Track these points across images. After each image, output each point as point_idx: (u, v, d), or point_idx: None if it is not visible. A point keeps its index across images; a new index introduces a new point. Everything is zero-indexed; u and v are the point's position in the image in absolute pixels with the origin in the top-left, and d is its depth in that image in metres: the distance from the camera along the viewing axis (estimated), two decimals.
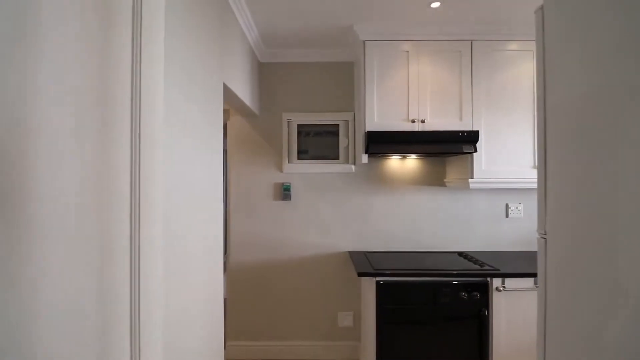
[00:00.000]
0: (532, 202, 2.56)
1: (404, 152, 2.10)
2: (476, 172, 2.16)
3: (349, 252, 2.52)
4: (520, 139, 2.20)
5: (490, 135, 2.18)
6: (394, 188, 2.55)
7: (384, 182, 2.55)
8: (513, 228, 2.56)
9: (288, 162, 2.57)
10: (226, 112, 2.58)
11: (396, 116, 2.15)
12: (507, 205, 2.56)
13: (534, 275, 1.94)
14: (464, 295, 1.93)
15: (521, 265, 2.10)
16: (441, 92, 2.18)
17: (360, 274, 1.94)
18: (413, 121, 2.13)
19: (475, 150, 2.08)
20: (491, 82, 2.20)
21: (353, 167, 2.53)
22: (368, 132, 2.09)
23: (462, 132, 2.07)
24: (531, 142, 2.20)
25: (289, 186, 2.55)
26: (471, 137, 2.08)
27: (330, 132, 2.58)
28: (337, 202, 2.56)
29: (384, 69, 2.18)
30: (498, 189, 2.54)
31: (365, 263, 2.14)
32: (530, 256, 2.34)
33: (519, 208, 2.55)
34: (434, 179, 2.56)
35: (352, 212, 2.55)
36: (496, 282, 1.96)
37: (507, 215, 2.56)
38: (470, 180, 2.16)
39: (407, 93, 2.16)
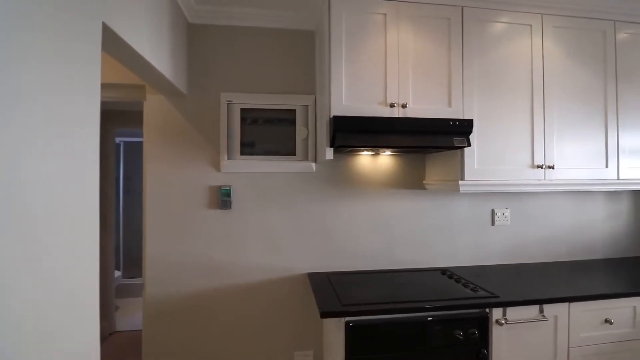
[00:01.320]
0: (520, 207, 2.21)
1: (380, 144, 1.59)
2: (467, 172, 1.72)
3: (308, 274, 1.96)
4: (517, 132, 1.81)
5: (483, 126, 1.75)
6: (365, 192, 2.04)
7: (353, 184, 2.03)
8: (500, 237, 2.19)
9: (228, 159, 1.94)
10: (140, 89, 1.88)
11: (370, 98, 1.64)
12: (493, 211, 2.18)
13: (539, 302, 1.54)
14: (459, 334, 1.47)
15: (520, 287, 1.70)
16: (426, 70, 1.70)
17: (325, 315, 1.39)
18: (392, 105, 1.63)
19: (469, 145, 1.63)
20: (485, 61, 1.78)
21: (314, 165, 1.97)
22: (334, 117, 1.55)
23: (453, 120, 1.62)
24: (529, 135, 1.81)
25: (229, 190, 1.92)
26: (464, 128, 1.63)
27: (285, 120, 2.00)
28: (293, 211, 1.99)
29: (355, 38, 1.65)
30: (483, 193, 2.15)
31: (330, 293, 1.60)
32: (523, 270, 1.97)
33: (506, 214, 2.19)
34: (412, 181, 2.10)
35: (312, 223, 2.00)
36: (496, 312, 1.53)
37: (493, 223, 2.18)
38: (460, 182, 1.72)
39: (384, 69, 1.66)
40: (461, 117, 1.69)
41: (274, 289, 1.98)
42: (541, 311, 1.56)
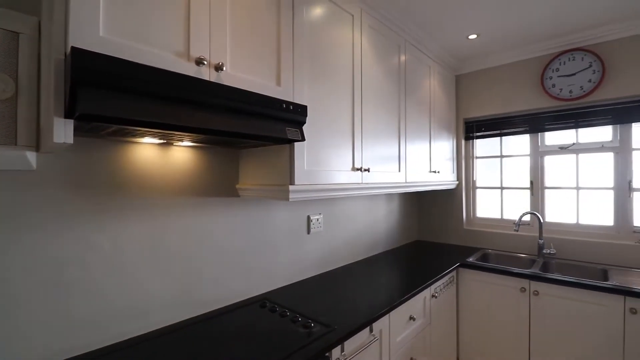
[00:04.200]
0: (331, 211, 2.10)
1: (176, 122, 0.90)
2: (298, 174, 1.34)
3: None
4: (343, 131, 1.61)
5: (313, 118, 1.43)
6: (146, 205, 1.26)
7: (123, 193, 1.20)
8: (315, 246, 1.99)
9: None
10: None
11: (159, 41, 0.93)
12: (308, 218, 1.95)
13: (369, 322, 1.36)
14: None
15: (346, 304, 1.49)
16: (251, 24, 1.18)
17: None
18: (199, 62, 0.99)
19: (303, 138, 1.25)
20: (315, 41, 1.46)
21: (32, 156, 0.99)
22: (76, 53, 0.72)
23: (287, 103, 1.18)
24: (350, 136, 1.66)
25: None
26: (298, 115, 1.23)
27: None
28: None
29: None
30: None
31: None
32: (338, 278, 1.82)
33: (320, 220, 2.02)
34: (221, 186, 1.51)
35: (34, 271, 1.01)
36: (335, 352, 1.22)
37: (308, 231, 1.95)
38: (291, 187, 1.31)
39: (186, 2, 0.99)
40: (291, 100, 1.28)
41: None
42: (371, 331, 1.40)
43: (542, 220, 2.41)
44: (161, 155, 1.29)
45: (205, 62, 1.00)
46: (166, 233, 1.29)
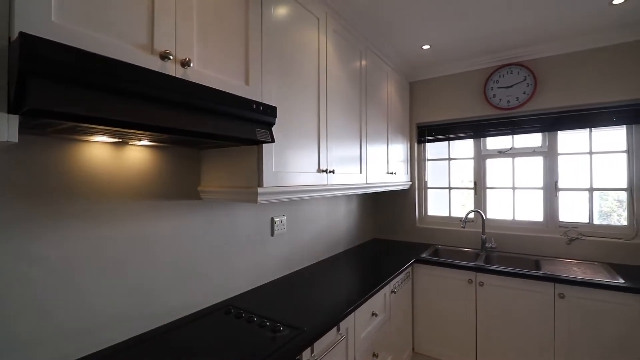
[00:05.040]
0: (294, 212, 2.10)
1: (145, 121, 0.83)
2: (266, 176, 1.32)
3: None
4: (309, 132, 1.61)
5: (281, 119, 1.41)
6: (99, 211, 1.14)
7: (71, 198, 1.07)
8: (279, 248, 1.97)
9: None
10: None
11: (121, 31, 0.85)
12: (272, 220, 1.92)
13: (337, 322, 1.39)
14: None
15: (313, 305, 1.50)
16: (219, 19, 1.13)
17: None
18: (165, 56, 0.92)
19: (273, 140, 1.23)
20: (283, 41, 1.44)
21: None
22: (25, 39, 0.63)
23: (257, 103, 1.15)
24: (316, 137, 1.67)
25: None
26: (267, 116, 1.20)
27: None
28: None
29: None
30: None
31: None
32: (302, 280, 1.83)
33: (283, 221, 2.00)
34: (181, 188, 1.43)
35: None
36: (306, 355, 1.22)
37: (272, 233, 1.93)
38: (259, 189, 1.28)
39: None
40: (259, 100, 1.25)
41: None
42: (338, 330, 1.43)
43: (484, 217, 2.65)
44: (115, 156, 1.18)
45: (171, 57, 0.93)
46: (118, 241, 1.18)
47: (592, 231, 2.36)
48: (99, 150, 1.13)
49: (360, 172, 2.13)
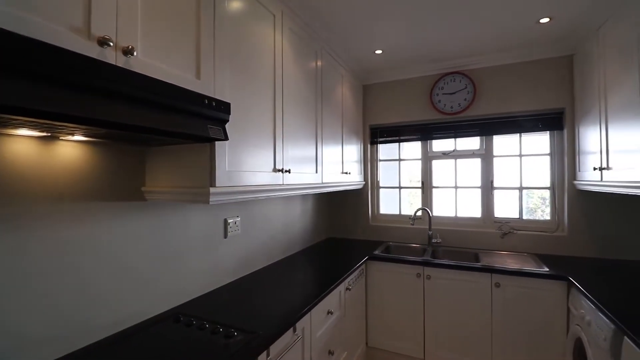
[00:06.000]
0: (249, 213, 2.05)
1: (82, 114, 0.74)
2: (219, 175, 1.26)
3: None
4: (264, 131, 1.58)
5: (235, 116, 1.36)
6: (13, 215, 1.00)
7: None
8: (232, 250, 1.90)
9: None
10: None
11: (51, 12, 0.75)
12: (225, 221, 1.85)
13: (292, 323, 1.38)
14: None
15: (267, 307, 1.47)
16: (166, 11, 1.05)
17: None
18: (103, 42, 0.83)
19: (226, 137, 1.18)
20: (237, 35, 1.39)
21: None
22: None
23: (209, 99, 1.10)
24: (272, 136, 1.64)
25: None
26: (220, 113, 1.15)
27: None
28: None
29: None
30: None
31: None
32: (257, 282, 1.79)
33: (237, 223, 1.94)
34: (122, 189, 1.31)
35: None
36: (261, 358, 1.19)
37: (225, 235, 1.85)
38: (211, 189, 1.22)
39: None
40: (212, 95, 1.19)
41: None
42: (294, 330, 1.41)
43: (431, 215, 2.82)
44: (42, 152, 1.04)
45: (112, 44, 0.85)
46: (45, 248, 1.05)
47: (521, 225, 2.63)
48: (22, 145, 0.99)
49: (316, 172, 2.14)
